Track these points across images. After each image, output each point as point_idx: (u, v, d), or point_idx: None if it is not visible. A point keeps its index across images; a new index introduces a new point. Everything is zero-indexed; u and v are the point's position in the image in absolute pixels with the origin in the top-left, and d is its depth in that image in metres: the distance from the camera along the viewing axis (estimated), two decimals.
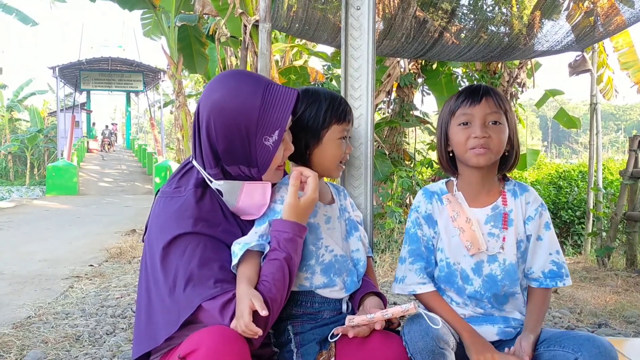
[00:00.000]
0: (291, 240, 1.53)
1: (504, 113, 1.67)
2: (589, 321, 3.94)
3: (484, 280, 1.71)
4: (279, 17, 4.39)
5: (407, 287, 1.77)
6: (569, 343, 1.54)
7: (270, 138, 1.51)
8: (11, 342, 3.40)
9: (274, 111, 1.50)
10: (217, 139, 1.51)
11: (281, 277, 1.50)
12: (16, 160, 27.97)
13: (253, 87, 1.50)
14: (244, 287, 1.44)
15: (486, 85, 1.73)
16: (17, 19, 16.25)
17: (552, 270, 1.71)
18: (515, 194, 1.75)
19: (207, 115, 1.51)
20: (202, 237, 1.49)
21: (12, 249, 7.19)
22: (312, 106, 1.64)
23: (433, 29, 4.51)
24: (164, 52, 14.95)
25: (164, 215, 1.54)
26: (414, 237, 1.79)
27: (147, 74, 24.22)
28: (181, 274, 1.46)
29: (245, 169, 1.56)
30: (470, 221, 1.71)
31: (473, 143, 1.66)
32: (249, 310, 1.37)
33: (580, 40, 4.80)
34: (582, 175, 9.86)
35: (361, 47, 2.19)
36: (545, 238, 1.72)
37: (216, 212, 1.56)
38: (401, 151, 8.48)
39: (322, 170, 1.69)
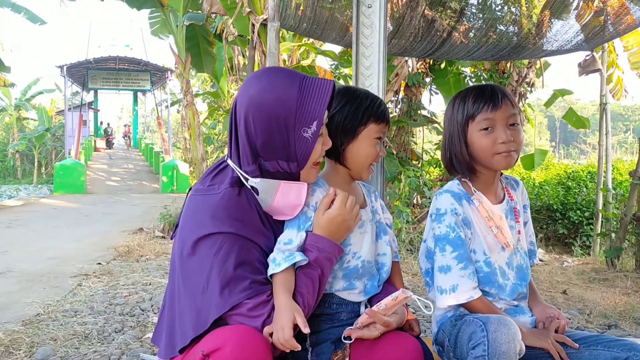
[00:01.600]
0: (328, 259, 1.55)
1: (519, 112, 1.71)
2: (598, 322, 3.92)
3: (516, 271, 1.77)
4: (287, 16, 4.39)
5: (462, 296, 1.66)
6: (615, 344, 1.57)
7: (309, 129, 1.50)
8: (21, 339, 3.42)
9: (312, 101, 1.49)
10: (255, 133, 1.50)
11: (313, 294, 1.52)
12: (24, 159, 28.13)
13: (289, 80, 1.50)
14: (284, 299, 1.44)
15: (498, 86, 1.73)
16: (26, 18, 16.27)
17: (531, 250, 1.88)
18: (513, 187, 1.85)
19: (245, 111, 1.51)
20: (237, 238, 1.47)
21: (20, 247, 7.23)
22: (352, 102, 1.64)
23: (442, 28, 4.49)
24: (172, 51, 14.99)
25: (199, 213, 1.52)
26: (458, 241, 1.68)
27: (155, 73, 24.29)
28: (215, 272, 1.44)
29: (284, 164, 1.54)
30: (502, 219, 1.73)
31: (501, 148, 1.65)
32: (291, 324, 1.38)
33: (589, 39, 4.77)
34: (591, 176, 9.81)
35: (372, 45, 2.19)
36: (528, 220, 1.88)
37: (251, 213, 1.55)
38: (409, 151, 8.46)
39: (354, 169, 1.68)
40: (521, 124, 1.72)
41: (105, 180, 19.69)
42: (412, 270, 5.50)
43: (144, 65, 23.24)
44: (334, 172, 1.71)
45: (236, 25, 7.04)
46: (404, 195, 7.22)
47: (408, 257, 6.04)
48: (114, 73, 24.53)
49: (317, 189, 1.64)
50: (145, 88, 25.65)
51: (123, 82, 25.08)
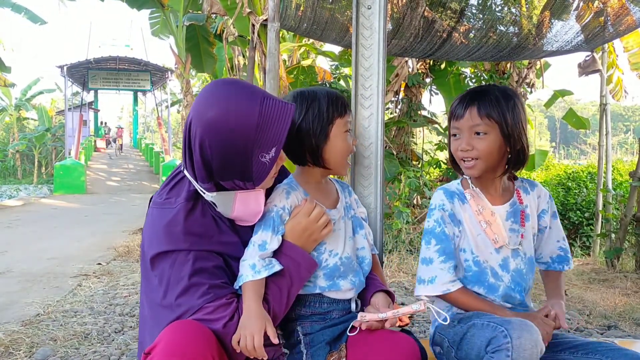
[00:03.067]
0: (301, 273, 1.56)
1: (494, 119, 1.66)
2: (598, 323, 3.92)
3: (512, 275, 1.74)
4: (287, 17, 4.39)
5: (438, 287, 1.72)
6: (612, 354, 1.58)
7: (267, 155, 1.48)
8: (21, 339, 3.42)
9: (271, 129, 1.45)
10: (211, 157, 1.46)
11: (280, 304, 1.53)
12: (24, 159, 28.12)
13: (248, 104, 1.44)
14: (256, 307, 1.45)
15: (475, 92, 1.72)
16: (26, 18, 16.28)
17: (560, 255, 1.85)
18: (527, 190, 1.83)
19: (201, 135, 1.44)
20: (192, 252, 1.48)
21: (20, 247, 7.24)
22: (314, 105, 1.63)
23: (442, 28, 4.49)
24: (172, 51, 14.99)
25: (155, 228, 1.53)
26: (442, 236, 1.74)
27: (155, 73, 24.30)
28: (172, 283, 1.46)
29: (240, 183, 1.52)
30: (494, 214, 1.74)
31: (460, 155, 1.72)
32: (261, 334, 1.40)
33: (590, 40, 4.78)
34: (591, 177, 9.80)
35: (372, 46, 2.19)
36: (554, 227, 1.85)
37: (208, 225, 1.55)
38: (409, 151, 8.46)
39: (334, 167, 1.69)
40: (509, 127, 1.67)
41: (105, 180, 19.69)
42: (412, 271, 5.50)
43: (144, 65, 23.25)
44: (307, 173, 1.71)
45: (236, 26, 7.03)
46: (403, 196, 7.22)
47: (408, 257, 6.04)
48: (114, 73, 24.54)
49: (292, 192, 1.65)
50: (146, 88, 25.66)
51: (123, 82, 25.09)
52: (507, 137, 1.67)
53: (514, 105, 1.69)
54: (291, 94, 1.68)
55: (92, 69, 23.70)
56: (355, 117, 2.18)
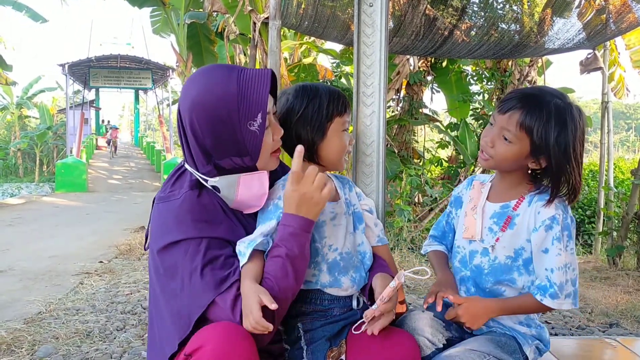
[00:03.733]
0: (293, 234, 1.50)
1: (530, 136, 1.58)
2: (600, 321, 3.92)
3: (472, 269, 1.77)
4: (288, 15, 4.39)
5: (423, 250, 2.04)
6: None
7: (254, 122, 1.49)
8: (23, 337, 3.43)
9: (252, 94, 1.48)
10: (203, 135, 1.50)
11: (284, 275, 1.47)
12: (25, 157, 28.13)
13: (226, 77, 1.49)
14: (248, 283, 1.42)
15: (530, 96, 1.63)
16: (28, 16, 16.28)
17: (543, 284, 1.62)
18: (531, 202, 1.68)
19: (189, 115, 1.50)
20: (203, 239, 1.47)
21: (22, 245, 7.25)
22: (314, 101, 1.63)
23: (443, 26, 4.49)
24: (174, 49, 14.97)
25: (162, 221, 1.52)
26: (445, 212, 1.99)
27: (156, 72, 24.30)
28: (186, 274, 1.45)
29: (238, 160, 1.53)
30: (475, 209, 1.77)
31: (481, 143, 1.72)
32: (257, 306, 1.36)
33: (591, 38, 4.77)
34: (593, 174, 9.78)
35: (374, 44, 2.18)
36: (551, 252, 1.62)
37: (216, 212, 1.55)
38: (410, 149, 8.47)
39: (329, 164, 1.69)
40: (541, 147, 1.58)
41: (106, 178, 19.70)
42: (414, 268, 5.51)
43: (145, 63, 23.24)
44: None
45: (237, 24, 7.02)
46: (405, 194, 7.22)
47: (409, 255, 6.04)
48: (115, 71, 24.54)
49: (287, 183, 1.64)
50: (147, 86, 25.66)
51: (125, 80, 25.08)
52: (536, 154, 1.60)
53: (563, 128, 1.57)
54: (294, 87, 1.68)
55: (94, 67, 23.70)
56: (356, 115, 2.18)
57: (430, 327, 1.65)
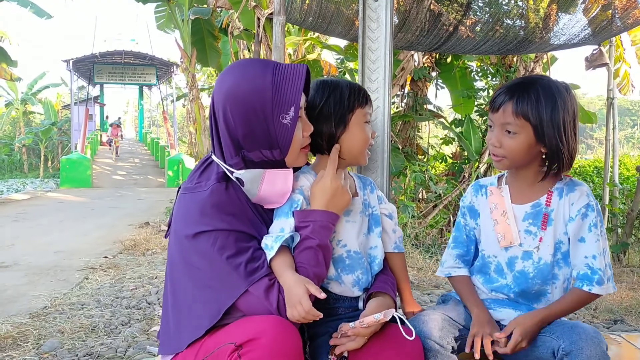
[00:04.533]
0: (324, 227, 1.54)
1: (528, 120, 1.60)
2: (604, 317, 3.92)
3: (515, 276, 1.71)
4: (292, 10, 4.38)
5: (444, 270, 1.86)
6: (556, 329, 1.57)
7: (287, 116, 1.50)
8: (28, 331, 3.45)
9: (287, 87, 1.50)
10: (235, 126, 1.51)
11: (317, 263, 1.51)
12: (30, 153, 28.15)
13: (262, 69, 1.51)
14: (290, 275, 1.44)
15: (516, 86, 1.65)
16: (32, 12, 16.29)
17: (585, 273, 1.62)
18: (562, 193, 1.68)
19: (223, 105, 1.52)
20: (230, 232, 1.48)
21: (27, 240, 7.28)
22: (335, 93, 1.64)
23: (448, 22, 4.47)
24: (178, 45, 14.97)
25: (189, 212, 1.53)
26: (459, 226, 1.88)
27: (160, 68, 24.29)
28: (216, 264, 1.46)
29: (268, 152, 1.54)
30: (506, 214, 1.71)
31: (490, 149, 1.71)
32: (307, 295, 1.39)
33: (597, 33, 4.74)
34: (598, 171, 9.77)
35: (378, 39, 2.18)
36: (588, 240, 1.64)
37: (241, 206, 1.56)
38: (414, 145, 8.45)
39: (350, 157, 1.67)
40: (544, 127, 1.59)
41: (111, 174, 19.74)
42: (417, 265, 5.51)
43: (149, 59, 23.24)
44: (325, 162, 1.68)
45: (242, 20, 7.01)
46: (409, 190, 7.22)
47: (413, 251, 6.04)
48: (119, 67, 24.54)
49: (301, 175, 1.65)
50: (151, 82, 25.66)
51: (129, 76, 25.08)
52: (541, 138, 1.61)
53: (554, 104, 1.60)
54: (314, 82, 1.69)
55: (98, 63, 23.71)
56: None
57: (440, 329, 1.60)
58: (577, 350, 1.47)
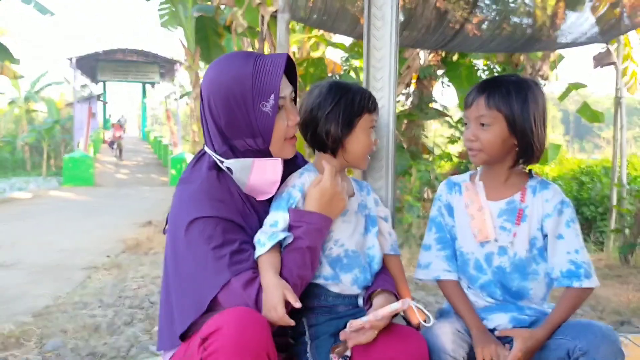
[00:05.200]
0: (317, 230, 1.55)
1: (500, 111, 1.65)
2: (611, 319, 3.88)
3: (493, 271, 1.74)
4: (297, 8, 4.36)
5: (431, 273, 1.82)
6: (570, 331, 1.56)
7: (267, 103, 1.53)
8: (31, 330, 3.44)
9: (267, 75, 1.53)
10: (218, 114, 1.56)
11: (303, 264, 1.52)
12: (33, 151, 28.18)
13: (244, 59, 1.56)
14: (272, 277, 1.44)
15: (487, 83, 1.73)
16: (35, 9, 16.30)
17: (570, 269, 1.65)
18: (535, 190, 1.74)
19: (207, 95, 1.57)
20: (219, 220, 1.50)
21: (30, 239, 7.28)
22: (347, 96, 1.67)
23: (454, 20, 4.44)
24: (181, 43, 14.98)
25: (180, 202, 1.57)
26: (440, 225, 1.85)
27: (163, 66, 24.31)
28: (202, 255, 1.47)
29: (251, 141, 1.57)
30: (482, 209, 1.74)
31: (467, 144, 1.74)
32: (282, 302, 1.39)
33: (605, 32, 4.71)
34: (605, 171, 9.69)
35: (384, 37, 2.15)
36: (565, 236, 1.68)
37: (231, 195, 1.59)
38: (420, 144, 8.43)
39: (352, 160, 1.70)
40: (517, 118, 1.65)
41: (114, 173, 19.77)
42: None
43: (152, 57, 23.27)
44: (326, 160, 1.70)
45: (246, 17, 6.98)
46: (414, 190, 7.18)
47: (418, 252, 6.00)
48: (123, 65, 24.57)
49: (306, 172, 1.68)
50: (154, 80, 25.71)
51: (132, 74, 25.13)
52: (514, 130, 1.66)
53: (525, 97, 1.66)
54: (327, 82, 1.72)
55: (101, 61, 23.74)
56: None
57: (452, 342, 1.59)
58: (594, 349, 1.47)
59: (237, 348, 1.30)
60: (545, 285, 1.74)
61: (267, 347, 1.35)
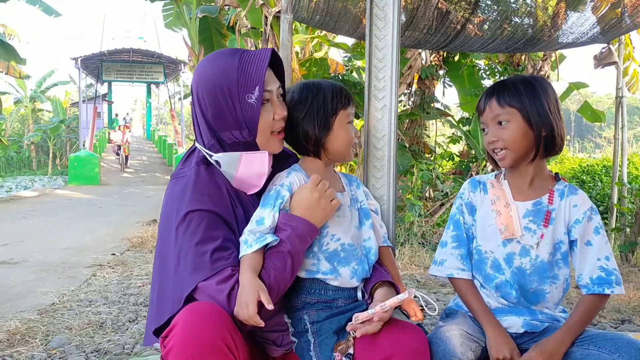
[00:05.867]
0: (300, 237, 1.57)
1: (513, 106, 1.68)
2: (611, 317, 3.90)
3: (513, 272, 1.71)
4: (300, 9, 4.38)
5: (445, 270, 1.80)
6: (606, 344, 1.53)
7: (252, 95, 1.56)
8: (37, 327, 3.47)
9: (251, 68, 1.57)
10: (206, 106, 1.60)
11: (283, 268, 1.53)
12: (39, 150, 28.33)
13: (231, 54, 1.61)
14: (249, 277, 1.46)
15: (495, 85, 1.77)
16: (41, 10, 16.36)
17: (600, 276, 1.65)
18: (563, 194, 1.73)
19: (196, 89, 1.62)
20: (204, 214, 1.52)
21: (36, 237, 7.32)
22: (318, 96, 1.68)
23: (456, 20, 4.46)
24: (185, 43, 14.99)
25: (170, 197, 1.60)
26: (457, 223, 1.84)
27: (168, 66, 24.35)
28: (184, 250, 1.49)
29: (237, 133, 1.60)
30: (509, 206, 1.73)
31: (490, 147, 1.75)
32: (255, 301, 1.40)
33: (606, 32, 4.72)
34: (606, 170, 9.69)
35: (386, 37, 2.17)
36: (594, 243, 1.68)
37: (219, 188, 1.61)
38: (421, 144, 8.44)
39: (337, 157, 1.73)
40: (530, 111, 1.67)
41: (119, 171, 19.82)
42: (424, 264, 5.49)
43: (157, 57, 23.30)
44: (310, 161, 1.74)
45: (249, 18, 7.02)
46: (416, 189, 7.20)
47: (420, 250, 6.03)
48: (127, 65, 24.61)
49: (293, 172, 1.70)
50: (159, 80, 25.73)
51: (137, 74, 25.16)
52: (529, 122, 1.67)
53: (534, 90, 1.69)
54: (297, 85, 1.74)
55: (106, 61, 23.79)
56: (368, 109, 2.18)
57: (461, 345, 1.59)
58: None
59: (190, 342, 1.32)
60: (562, 291, 1.73)
61: (225, 339, 1.35)
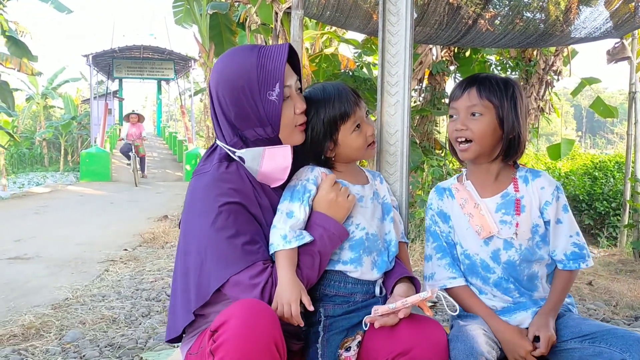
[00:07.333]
0: (330, 238, 1.59)
1: (491, 102, 1.69)
2: (624, 314, 3.88)
3: (504, 267, 1.74)
4: (310, 4, 4.38)
5: (437, 283, 1.81)
6: (617, 342, 1.52)
7: (273, 92, 1.58)
8: (51, 322, 3.51)
9: (270, 65, 1.58)
10: (227, 106, 1.61)
11: (311, 267, 1.57)
12: (50, 147, 28.47)
13: (248, 51, 1.61)
14: (290, 276, 1.49)
15: (476, 76, 1.77)
16: (53, 7, 16.46)
17: (574, 252, 1.73)
18: (527, 180, 1.76)
19: (215, 89, 1.63)
20: (231, 207, 1.53)
21: (48, 233, 7.39)
22: (323, 108, 1.69)
23: (467, 15, 4.44)
24: (196, 40, 15.04)
25: (193, 193, 1.61)
26: (435, 234, 1.86)
27: (178, 62, 24.39)
28: (212, 245, 1.51)
29: (260, 130, 1.61)
30: (478, 206, 1.75)
31: (455, 135, 1.75)
32: (298, 301, 1.45)
33: (619, 27, 4.67)
34: (619, 166, 9.60)
35: (399, 32, 2.17)
36: (564, 221, 1.74)
37: (243, 182, 1.63)
38: (432, 140, 8.40)
39: (352, 159, 1.77)
40: (505, 112, 1.70)
41: (130, 168, 19.89)
42: None
43: (167, 54, 23.34)
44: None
45: (259, 14, 7.01)
46: (426, 185, 7.18)
47: None
48: (138, 62, 24.67)
49: (316, 167, 1.72)
50: (169, 77, 25.76)
51: (147, 71, 25.20)
52: (502, 121, 1.70)
53: (512, 93, 1.71)
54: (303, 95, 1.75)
55: (117, 58, 23.87)
56: (381, 105, 2.18)
57: (486, 344, 1.59)
58: None
59: (245, 338, 1.32)
60: (546, 267, 1.78)
61: (275, 338, 1.36)
